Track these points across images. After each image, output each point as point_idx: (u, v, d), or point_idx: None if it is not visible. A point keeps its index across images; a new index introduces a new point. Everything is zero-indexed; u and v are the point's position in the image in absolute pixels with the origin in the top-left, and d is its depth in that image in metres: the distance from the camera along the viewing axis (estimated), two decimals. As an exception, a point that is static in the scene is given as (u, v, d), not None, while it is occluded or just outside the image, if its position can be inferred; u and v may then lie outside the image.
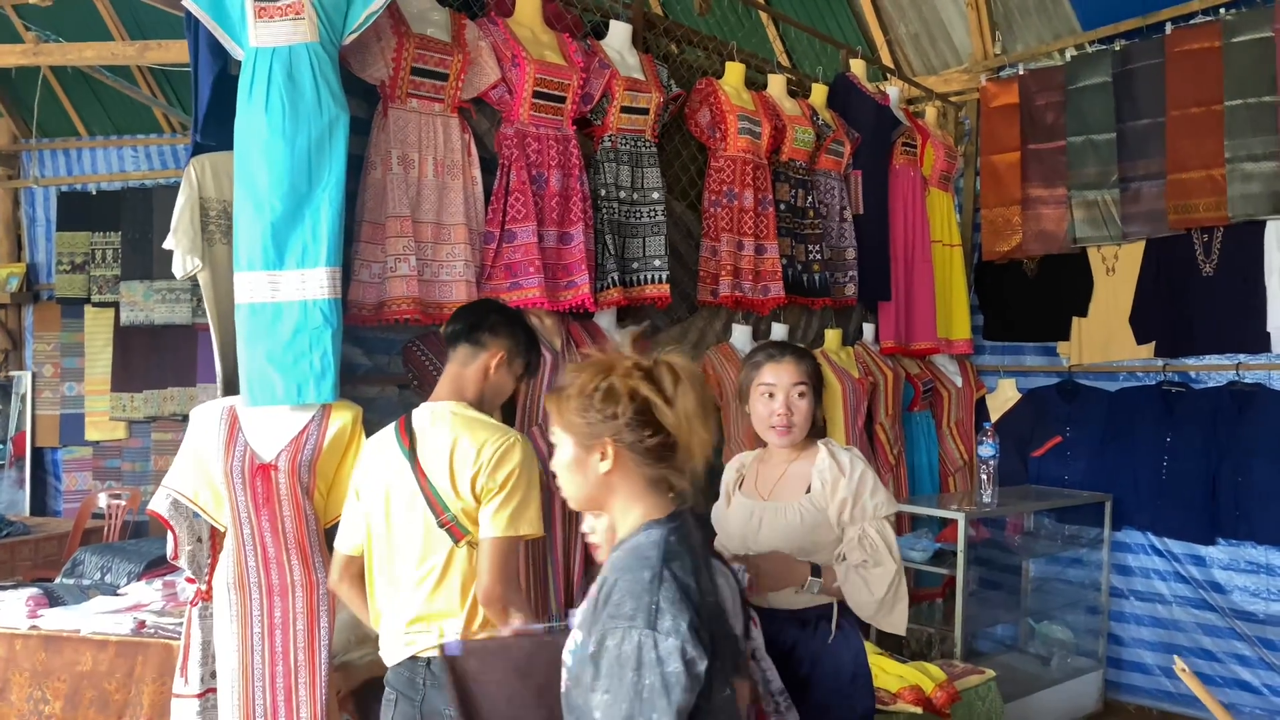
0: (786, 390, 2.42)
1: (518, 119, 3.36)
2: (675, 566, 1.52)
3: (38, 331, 6.98)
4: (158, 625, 3.61)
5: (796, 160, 4.33)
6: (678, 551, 1.55)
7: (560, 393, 1.66)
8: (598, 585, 1.57)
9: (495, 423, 2.35)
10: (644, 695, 1.42)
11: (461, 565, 2.25)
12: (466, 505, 2.23)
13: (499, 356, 2.39)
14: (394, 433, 2.34)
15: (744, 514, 2.44)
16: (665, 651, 1.43)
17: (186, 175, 2.96)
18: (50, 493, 6.98)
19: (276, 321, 2.59)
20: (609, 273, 3.55)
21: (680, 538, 1.59)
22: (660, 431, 1.61)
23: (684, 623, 1.46)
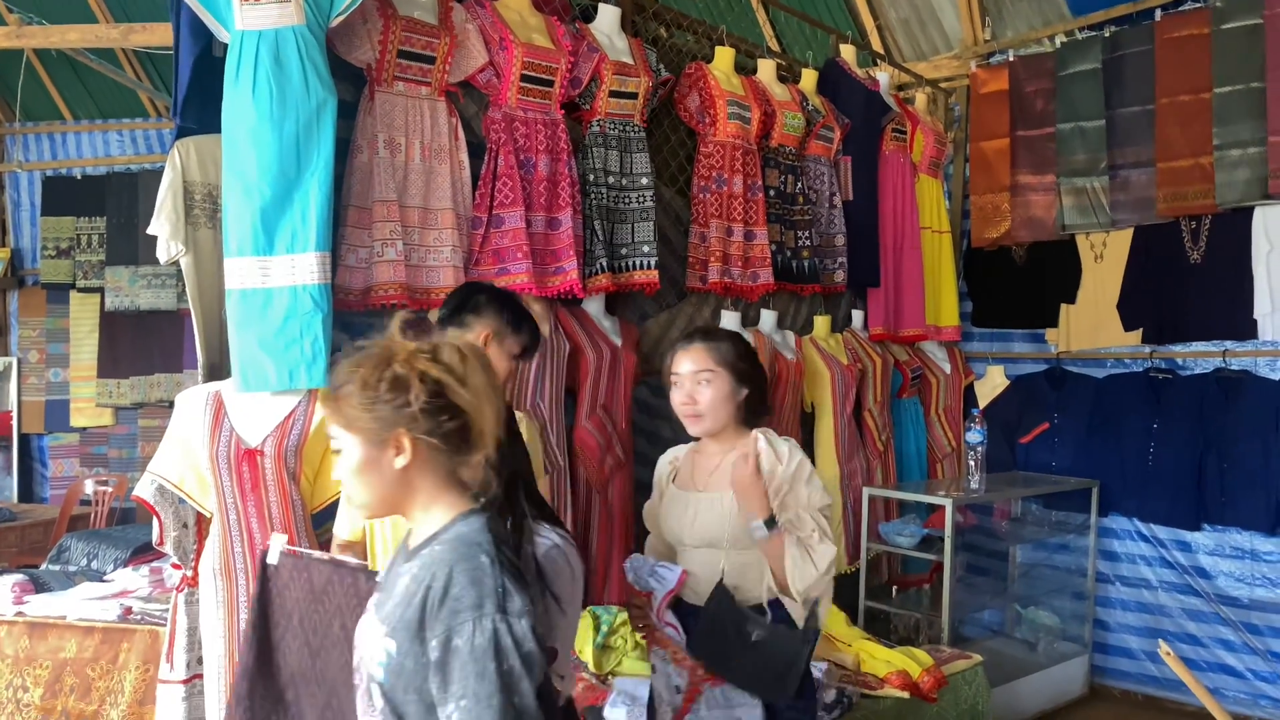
0: (690, 378, 2.38)
1: (505, 103, 3.34)
2: (506, 550, 1.49)
3: (23, 317, 6.93)
4: (144, 611, 3.60)
5: (786, 146, 4.32)
6: (504, 535, 1.53)
7: (338, 391, 1.55)
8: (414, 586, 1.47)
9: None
10: (508, 684, 1.38)
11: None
12: None
13: (484, 335, 2.37)
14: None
15: (679, 506, 2.42)
16: (520, 634, 1.40)
17: (170, 159, 2.94)
18: (37, 479, 6.95)
19: (267, 307, 2.58)
20: (597, 259, 3.53)
21: (498, 525, 1.55)
22: (457, 415, 1.52)
23: (527, 602, 1.44)
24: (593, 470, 3.57)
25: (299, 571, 2.10)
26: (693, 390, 2.37)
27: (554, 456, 3.43)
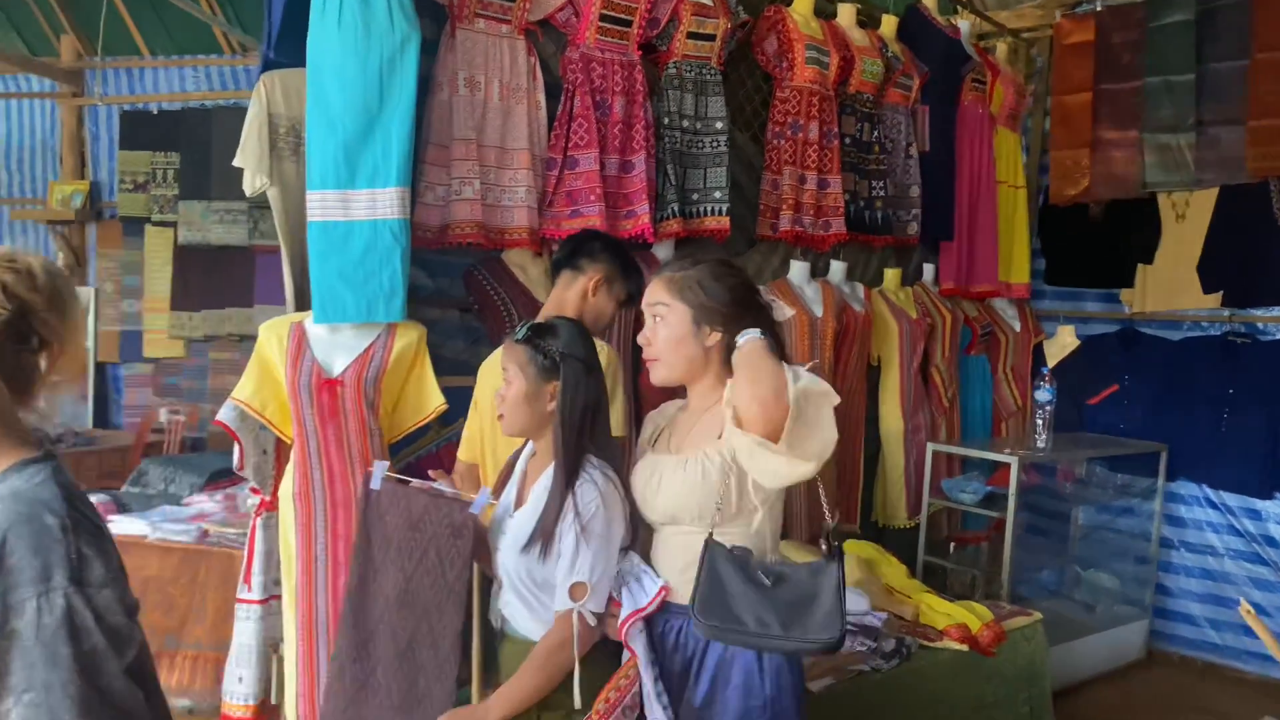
0: (648, 313, 2.02)
1: (583, 42, 3.32)
2: (82, 506, 1.25)
3: (100, 249, 7.09)
4: (220, 535, 3.73)
5: (864, 93, 4.24)
6: (75, 491, 1.26)
7: None
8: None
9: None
10: (89, 667, 1.17)
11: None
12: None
13: (596, 279, 2.53)
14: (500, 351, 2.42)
15: (646, 473, 2.01)
16: (102, 606, 1.19)
17: (256, 92, 2.97)
18: (112, 407, 7.15)
19: (348, 240, 2.61)
20: (669, 203, 3.52)
21: (65, 475, 1.28)
22: (41, 344, 1.28)
23: (112, 568, 1.23)
24: (658, 414, 3.58)
25: (398, 499, 2.16)
26: (649, 329, 2.01)
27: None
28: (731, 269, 2.01)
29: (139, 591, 3.93)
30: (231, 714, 3.09)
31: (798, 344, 3.94)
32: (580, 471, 2.00)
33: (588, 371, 2.06)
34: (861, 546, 3.87)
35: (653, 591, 1.91)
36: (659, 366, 1.99)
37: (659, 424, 2.12)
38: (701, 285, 1.94)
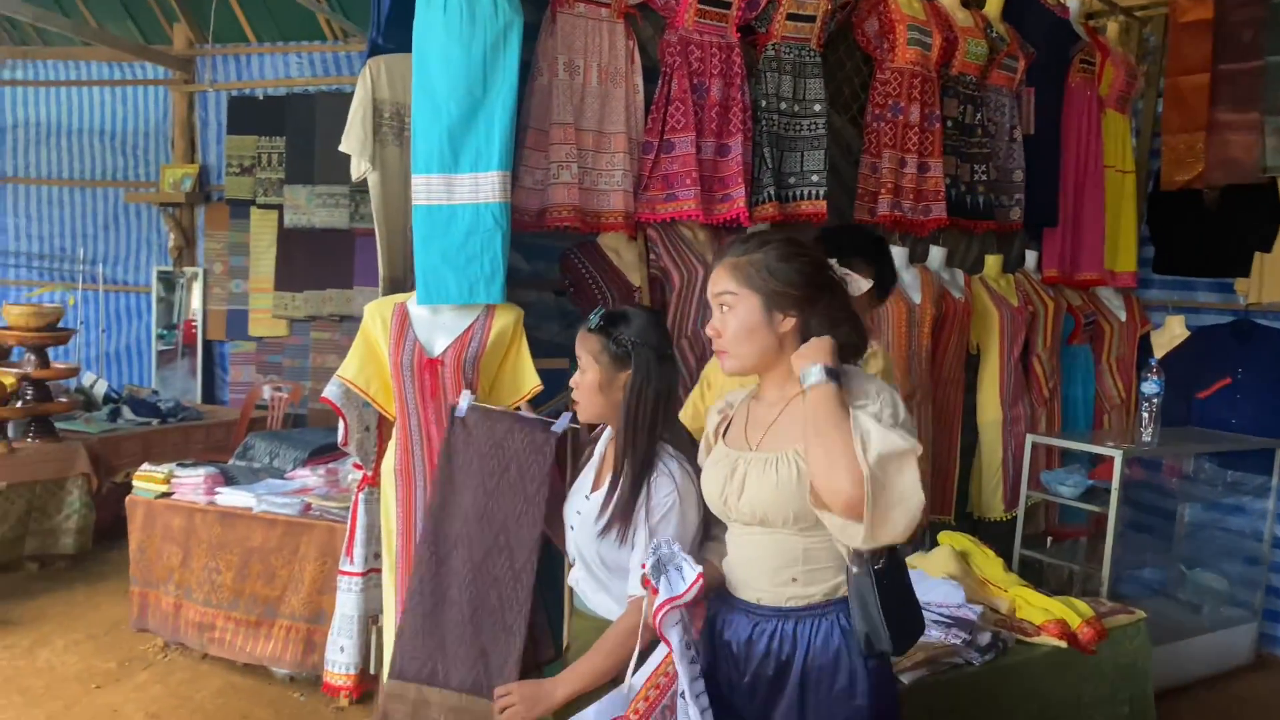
0: (715, 303, 1.90)
1: (682, 25, 3.31)
2: None
3: (208, 230, 7.37)
4: (322, 508, 3.85)
5: (967, 75, 4.14)
6: None
7: None
8: None
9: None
10: None
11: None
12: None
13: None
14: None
15: (724, 470, 1.87)
16: None
17: (362, 77, 3.04)
18: (218, 383, 7.44)
19: (450, 223, 2.66)
20: (764, 187, 3.49)
21: None
22: None
23: None
24: (750, 399, 3.57)
25: (483, 422, 2.33)
26: (718, 319, 1.88)
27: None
28: (800, 247, 1.87)
29: (244, 562, 4.10)
30: (333, 682, 3.21)
31: (895, 331, 3.88)
32: (656, 462, 2.01)
33: (660, 360, 2.07)
34: (956, 538, 3.80)
35: (690, 578, 1.79)
36: (730, 358, 1.86)
37: (727, 414, 1.98)
38: (770, 269, 1.81)
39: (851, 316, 1.83)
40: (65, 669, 3.99)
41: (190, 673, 3.98)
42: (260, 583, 3.85)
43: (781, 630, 1.84)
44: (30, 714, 3.59)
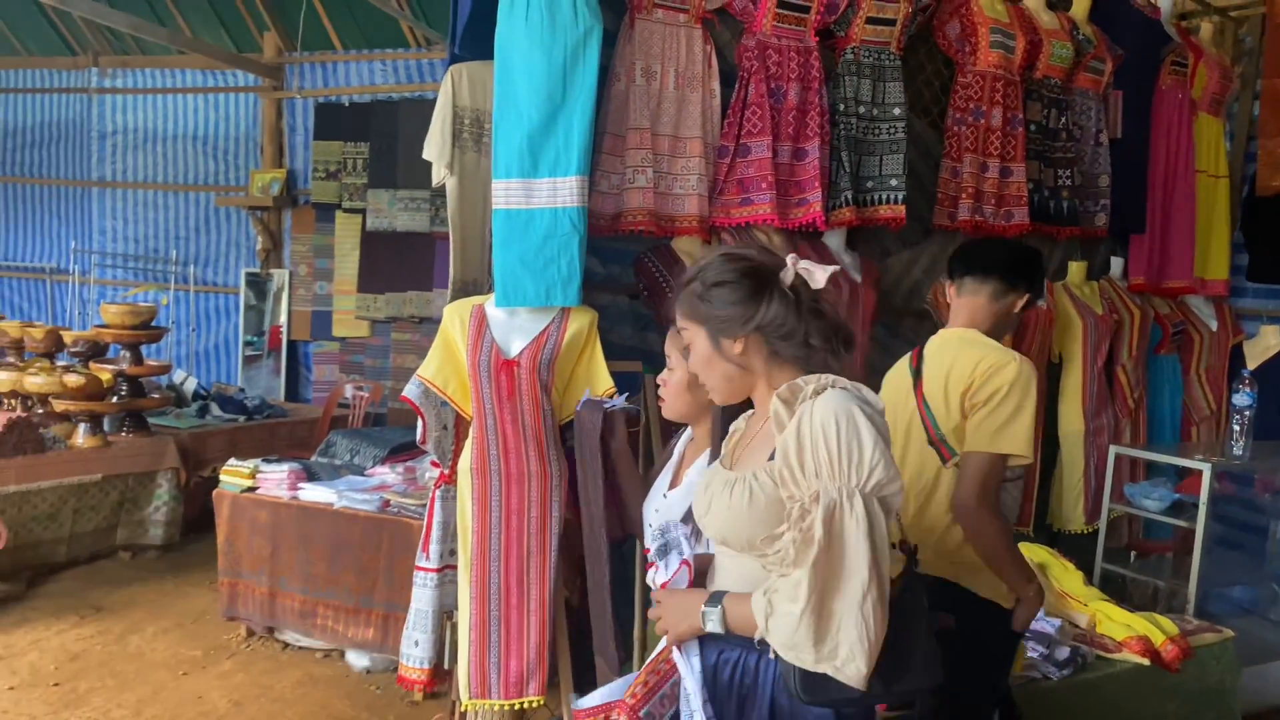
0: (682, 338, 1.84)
1: (760, 30, 3.31)
2: None
3: (295, 233, 7.57)
4: (400, 505, 3.93)
5: (1051, 78, 4.06)
6: None
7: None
8: None
9: (1000, 346, 2.36)
10: None
11: (946, 485, 2.28)
12: (956, 423, 2.26)
13: (1024, 300, 2.44)
14: (908, 356, 2.47)
15: (702, 486, 1.77)
16: None
17: (443, 84, 3.11)
18: (302, 382, 7.63)
19: (529, 227, 2.71)
20: (842, 191, 3.47)
21: None
22: None
23: None
24: (825, 405, 3.55)
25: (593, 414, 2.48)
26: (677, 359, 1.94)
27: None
28: (731, 263, 1.68)
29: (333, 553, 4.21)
30: (408, 675, 3.27)
31: (972, 338, 3.82)
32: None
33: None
34: (1034, 550, 3.72)
35: (674, 566, 1.72)
36: (712, 393, 1.78)
37: (736, 433, 1.85)
38: (702, 296, 1.69)
39: (818, 317, 1.66)
40: (154, 655, 4.14)
41: (271, 663, 4.10)
42: (351, 574, 3.94)
43: (744, 662, 1.67)
44: (122, 697, 3.73)
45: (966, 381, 2.24)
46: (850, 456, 1.50)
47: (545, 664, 2.79)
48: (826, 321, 1.65)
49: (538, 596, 2.79)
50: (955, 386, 2.26)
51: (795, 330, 1.64)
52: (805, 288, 1.65)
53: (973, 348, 2.31)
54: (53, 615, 4.50)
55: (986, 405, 2.20)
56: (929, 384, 2.33)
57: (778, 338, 1.65)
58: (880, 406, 1.59)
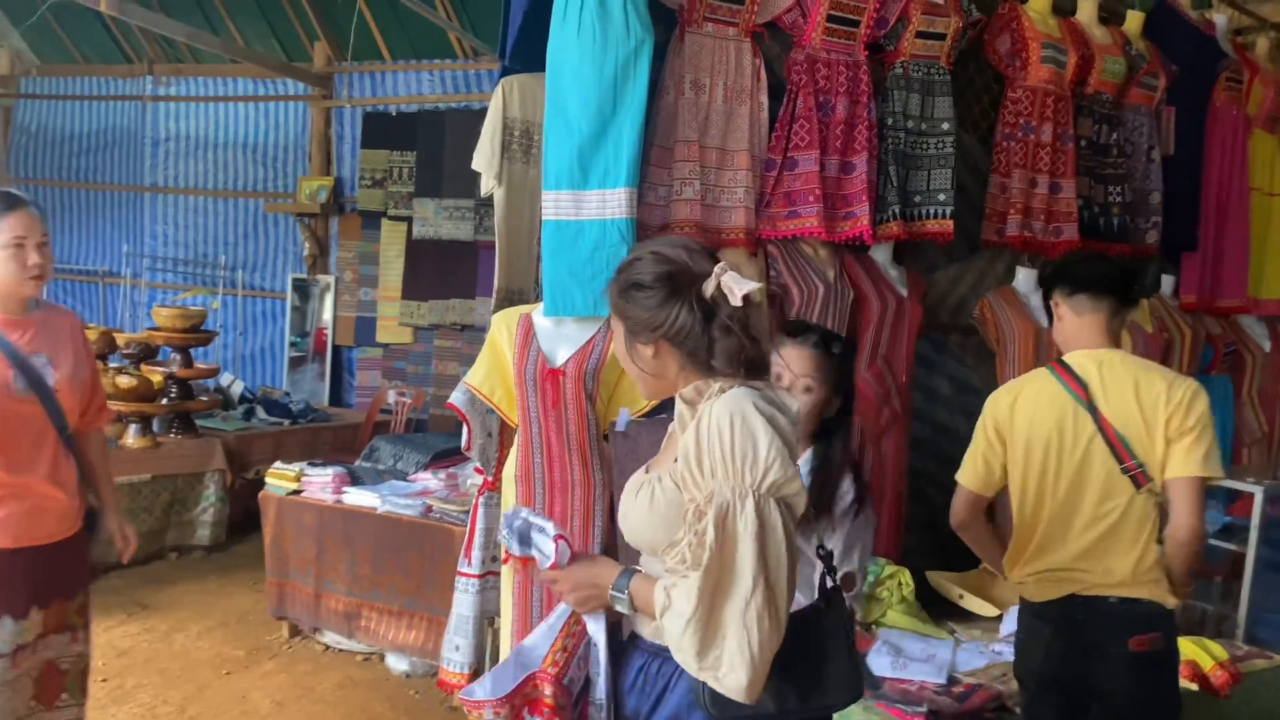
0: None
1: (809, 43, 3.31)
2: None
3: (341, 240, 7.66)
4: (442, 511, 3.96)
5: (1103, 93, 4.01)
6: None
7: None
8: None
9: (1165, 368, 2.43)
10: None
11: (1139, 510, 2.31)
12: (1155, 450, 2.28)
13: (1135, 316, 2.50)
14: (1055, 379, 2.39)
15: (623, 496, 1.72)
16: None
17: (494, 96, 3.15)
18: (345, 387, 7.72)
19: (578, 239, 2.73)
20: (889, 205, 3.46)
21: None
22: None
23: None
24: (868, 422, 3.53)
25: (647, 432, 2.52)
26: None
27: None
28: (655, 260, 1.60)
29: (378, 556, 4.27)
30: (448, 679, 3.30)
31: (1023, 356, 3.78)
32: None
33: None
34: (1080, 570, 3.68)
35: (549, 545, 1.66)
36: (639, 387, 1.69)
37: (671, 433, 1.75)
38: (623, 294, 1.61)
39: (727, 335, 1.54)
40: (199, 654, 4.20)
41: (313, 664, 4.14)
42: (399, 576, 3.98)
43: (649, 668, 1.64)
44: (167, 694, 3.79)
45: (1167, 409, 2.27)
46: (744, 456, 1.45)
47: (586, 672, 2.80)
48: (734, 341, 1.54)
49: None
50: (1154, 414, 2.27)
51: (699, 346, 1.56)
52: (725, 302, 1.54)
53: (1151, 372, 2.35)
54: (102, 612, 4.56)
55: (1192, 432, 2.26)
56: (1116, 410, 2.31)
57: (683, 350, 1.58)
58: (791, 409, 1.54)
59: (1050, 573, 2.39)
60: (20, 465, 2.38)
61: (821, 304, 3.36)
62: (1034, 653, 2.42)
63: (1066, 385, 2.37)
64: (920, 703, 2.63)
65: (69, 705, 2.57)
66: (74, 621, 2.57)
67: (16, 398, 2.37)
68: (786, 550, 1.45)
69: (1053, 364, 2.44)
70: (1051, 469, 2.37)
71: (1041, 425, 2.37)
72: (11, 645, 2.39)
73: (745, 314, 1.54)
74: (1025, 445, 2.40)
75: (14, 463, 2.37)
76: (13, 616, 2.40)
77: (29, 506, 2.39)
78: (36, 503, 2.40)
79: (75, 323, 2.61)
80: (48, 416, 2.44)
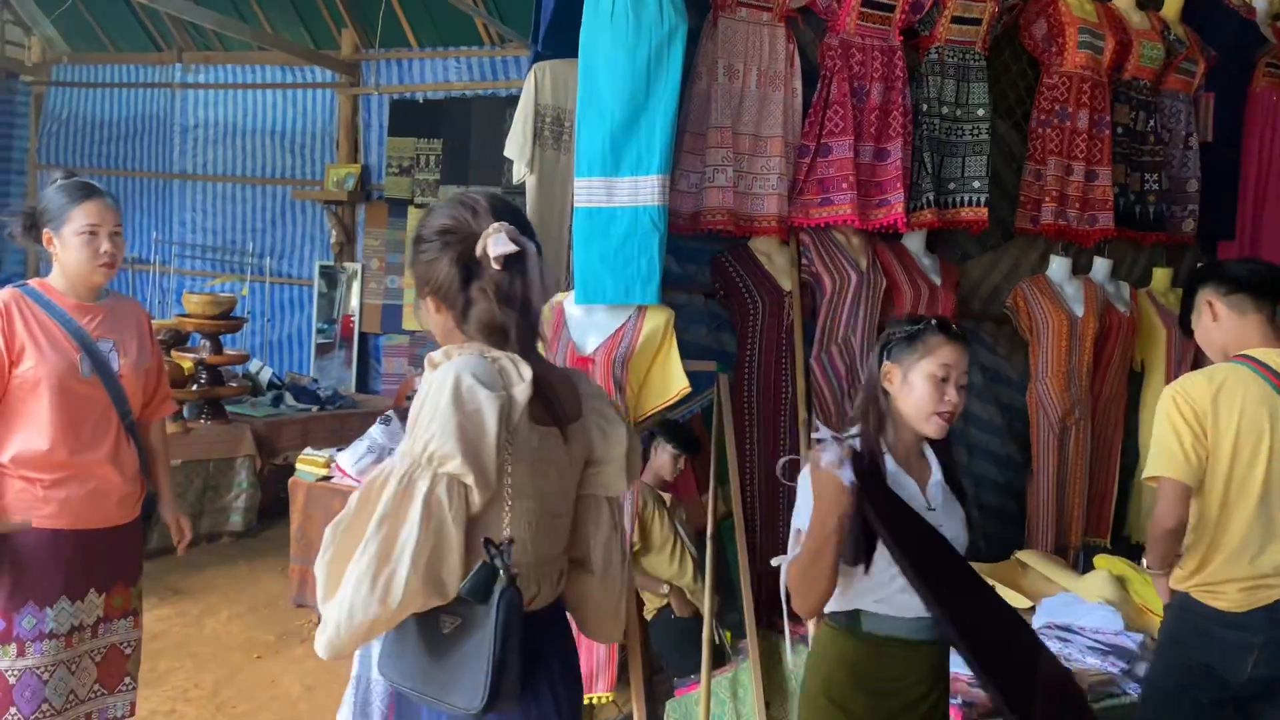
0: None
1: (843, 29, 3.28)
2: None
3: (368, 228, 7.68)
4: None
5: (1140, 79, 3.95)
6: None
7: None
8: None
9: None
10: None
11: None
12: None
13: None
14: (1256, 375, 2.30)
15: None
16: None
17: (526, 82, 3.14)
18: (371, 374, 7.74)
19: (610, 226, 2.72)
20: (923, 192, 3.43)
21: None
22: None
23: None
24: (900, 410, 3.50)
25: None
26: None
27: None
28: (438, 214, 1.61)
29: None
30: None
31: (1055, 345, 3.75)
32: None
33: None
34: (1113, 562, 3.63)
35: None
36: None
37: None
38: (412, 245, 1.63)
39: (483, 299, 1.54)
40: (230, 638, 4.23)
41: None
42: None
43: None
44: (199, 678, 3.82)
45: None
46: (420, 424, 1.45)
47: (614, 662, 2.80)
48: (485, 306, 1.53)
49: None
50: None
51: (455, 306, 1.56)
52: (487, 264, 1.53)
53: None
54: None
55: None
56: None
57: (453, 311, 1.57)
58: (518, 385, 1.50)
59: (1261, 579, 2.27)
60: (83, 447, 2.43)
61: (854, 292, 3.33)
62: (1232, 664, 2.29)
63: (1270, 381, 2.27)
64: (955, 695, 2.61)
65: (129, 689, 2.65)
66: (136, 606, 2.64)
67: (82, 380, 2.43)
68: (434, 527, 1.42)
69: (1244, 359, 2.32)
70: (1261, 467, 2.26)
71: (1253, 421, 2.26)
72: (67, 625, 2.45)
73: (502, 278, 1.52)
74: (1233, 441, 2.27)
75: (77, 445, 2.43)
76: (69, 597, 2.45)
77: (90, 489, 2.43)
78: (97, 486, 2.45)
79: (142, 313, 2.69)
80: (111, 401, 2.49)
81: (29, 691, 2.39)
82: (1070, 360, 3.76)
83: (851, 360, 3.36)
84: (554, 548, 1.63)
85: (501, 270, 1.52)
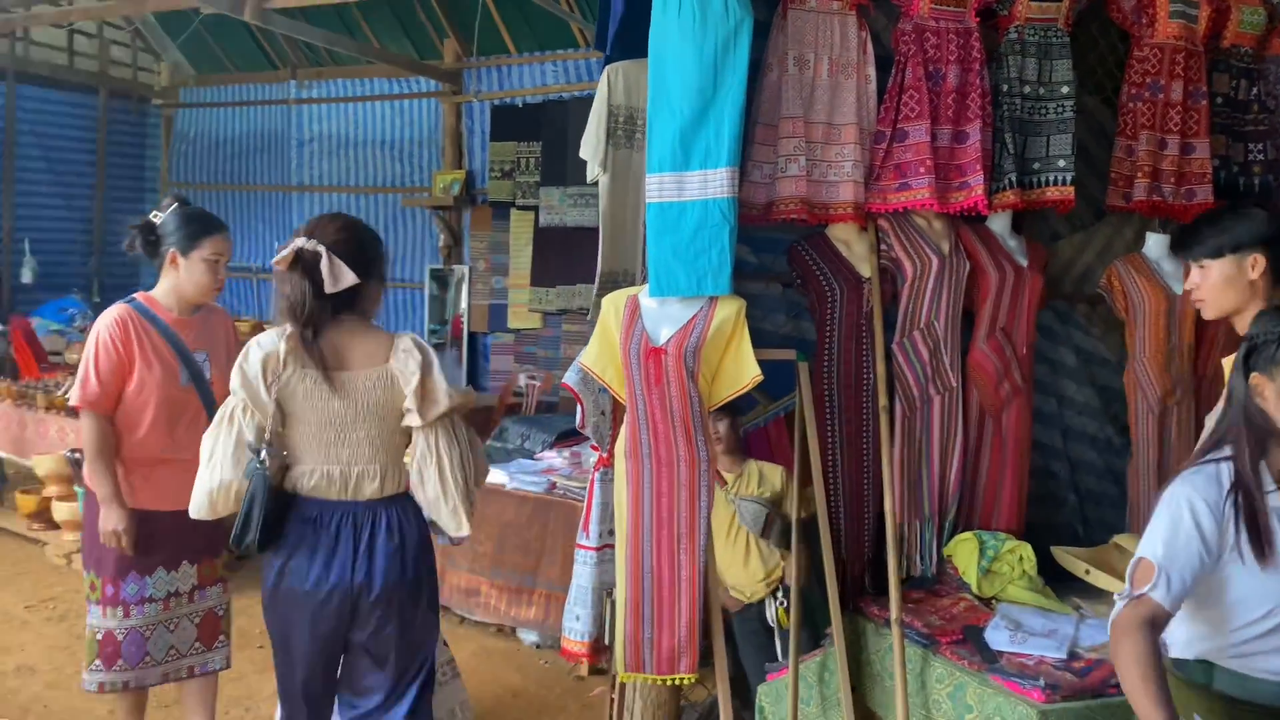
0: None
1: (917, 13, 3.26)
2: None
3: (473, 231, 7.94)
4: (566, 488, 4.10)
5: (1241, 46, 3.79)
6: None
7: None
8: None
9: None
10: None
11: None
12: None
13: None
14: None
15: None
16: None
17: (600, 84, 3.23)
18: (480, 371, 8.01)
19: (681, 219, 2.79)
20: (1006, 173, 3.37)
21: None
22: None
23: None
24: (987, 395, 3.47)
25: None
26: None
27: (946, 378, 3.38)
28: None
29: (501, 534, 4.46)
30: (570, 648, 3.43)
31: (1153, 325, 3.64)
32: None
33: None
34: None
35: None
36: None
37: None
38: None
39: (287, 289, 2.42)
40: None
41: (449, 635, 4.33)
42: (518, 555, 4.15)
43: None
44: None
45: None
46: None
47: (695, 643, 2.87)
48: (284, 300, 2.40)
49: (688, 576, 2.86)
50: None
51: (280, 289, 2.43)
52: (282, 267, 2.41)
53: None
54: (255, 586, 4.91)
55: None
56: None
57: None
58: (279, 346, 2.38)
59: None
60: (179, 444, 3.00)
61: (935, 277, 3.32)
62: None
63: None
64: (1037, 677, 2.60)
65: (224, 645, 3.28)
66: (224, 574, 3.25)
67: (180, 388, 3.00)
68: (233, 430, 2.41)
69: None
70: None
71: None
72: (165, 591, 3.08)
73: (280, 276, 2.39)
74: None
75: (173, 441, 3.02)
76: (165, 568, 3.07)
77: (183, 478, 2.67)
78: (188, 476, 2.65)
79: (229, 322, 3.07)
80: (203, 405, 3.01)
81: (134, 647, 3.03)
82: (1170, 340, 3.65)
83: (935, 345, 3.35)
84: (359, 456, 2.42)
85: (285, 271, 2.38)
